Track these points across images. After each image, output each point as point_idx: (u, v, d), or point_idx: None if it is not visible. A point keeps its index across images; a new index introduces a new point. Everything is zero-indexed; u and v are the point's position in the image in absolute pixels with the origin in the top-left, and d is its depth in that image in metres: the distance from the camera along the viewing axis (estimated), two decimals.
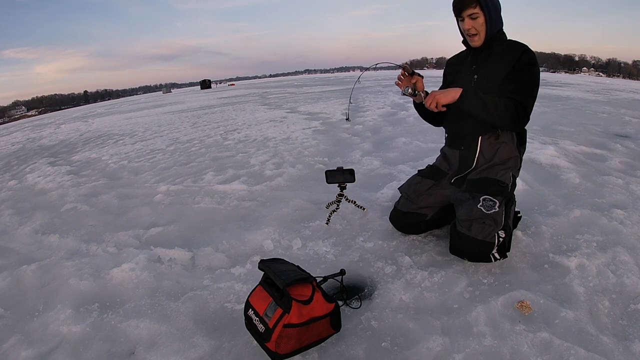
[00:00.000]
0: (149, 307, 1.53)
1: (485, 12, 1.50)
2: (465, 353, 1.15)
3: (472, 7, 1.50)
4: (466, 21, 1.54)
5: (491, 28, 1.53)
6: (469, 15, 1.52)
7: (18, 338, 1.43)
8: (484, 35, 1.55)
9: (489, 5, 1.49)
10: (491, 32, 1.54)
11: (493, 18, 1.52)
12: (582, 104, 6.80)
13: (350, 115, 2.04)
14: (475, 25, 1.53)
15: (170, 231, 2.28)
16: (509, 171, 1.63)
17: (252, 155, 3.96)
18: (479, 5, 1.49)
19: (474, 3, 1.49)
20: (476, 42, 1.58)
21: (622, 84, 17.32)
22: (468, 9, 1.51)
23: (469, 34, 1.57)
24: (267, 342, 1.14)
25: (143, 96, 60.88)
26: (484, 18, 1.51)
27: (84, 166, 4.65)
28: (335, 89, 15.24)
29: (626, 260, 1.51)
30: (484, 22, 1.52)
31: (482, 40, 1.56)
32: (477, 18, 1.52)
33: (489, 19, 1.51)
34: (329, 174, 2.04)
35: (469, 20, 1.53)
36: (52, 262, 2.00)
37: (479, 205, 1.53)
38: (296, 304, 1.14)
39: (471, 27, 1.54)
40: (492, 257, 1.52)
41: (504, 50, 1.56)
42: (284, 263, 1.33)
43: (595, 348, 1.11)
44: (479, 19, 1.52)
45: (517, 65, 1.52)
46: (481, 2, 1.48)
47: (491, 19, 1.51)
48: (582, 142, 3.54)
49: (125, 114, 13.75)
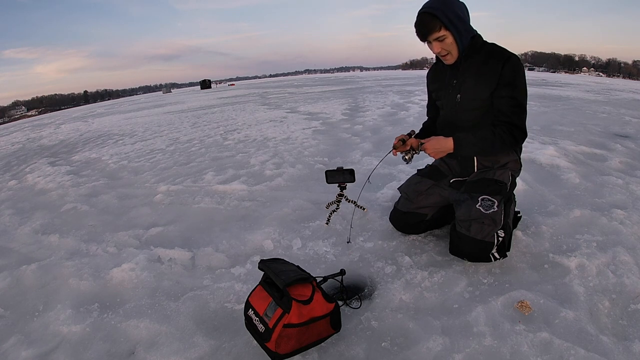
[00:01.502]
0: (149, 307, 1.53)
1: (452, 30, 1.40)
2: (465, 353, 1.15)
3: (437, 31, 1.40)
4: (434, 45, 1.45)
5: (462, 43, 1.45)
6: (436, 38, 1.43)
7: (18, 338, 1.43)
8: (456, 52, 1.47)
9: (454, 22, 1.39)
10: (463, 46, 1.46)
11: (462, 33, 1.43)
12: (582, 104, 6.80)
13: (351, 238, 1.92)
14: (444, 47, 1.45)
15: (170, 231, 2.28)
16: (507, 171, 1.62)
17: (252, 155, 3.96)
18: (443, 26, 1.39)
19: (437, 26, 1.39)
20: (450, 60, 1.51)
21: (622, 84, 17.32)
22: (432, 33, 1.41)
23: (440, 55, 1.50)
24: (267, 342, 1.14)
25: (143, 96, 60.89)
26: (452, 37, 1.42)
27: (84, 166, 4.65)
28: (336, 89, 15.24)
29: (626, 260, 1.51)
30: (453, 40, 1.43)
31: (456, 57, 1.49)
32: (444, 39, 1.43)
33: (457, 36, 1.42)
34: (329, 174, 2.04)
35: (437, 44, 1.44)
36: (52, 262, 2.00)
37: (478, 205, 1.53)
38: (296, 304, 1.14)
39: (441, 49, 1.46)
40: (492, 256, 1.52)
41: (483, 60, 1.48)
42: (284, 263, 1.32)
43: (595, 348, 1.11)
44: (446, 40, 1.43)
45: (502, 80, 1.45)
46: (445, 22, 1.38)
47: (460, 34, 1.43)
48: (582, 142, 3.54)
49: (125, 114, 13.76)
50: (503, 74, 1.45)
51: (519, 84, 1.46)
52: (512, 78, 1.44)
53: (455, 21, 1.39)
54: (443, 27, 1.39)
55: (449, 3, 1.40)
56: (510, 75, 1.44)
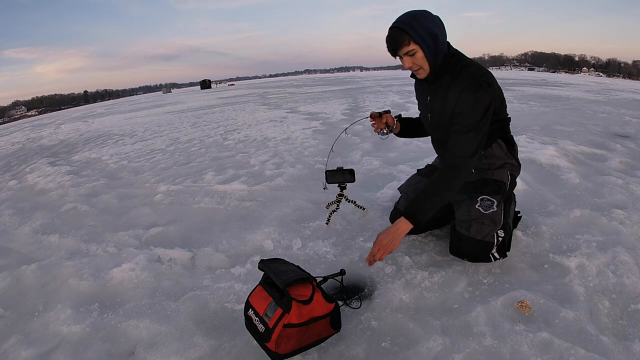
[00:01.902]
0: (149, 307, 1.53)
1: (422, 45, 1.38)
2: (465, 353, 1.15)
3: (406, 45, 1.38)
4: (405, 60, 1.43)
5: (434, 58, 1.42)
6: (406, 53, 1.41)
7: (18, 338, 1.43)
8: (427, 66, 1.44)
9: (425, 37, 1.37)
10: (435, 61, 1.44)
11: (432, 48, 1.40)
12: (582, 104, 6.80)
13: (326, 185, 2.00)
14: (415, 62, 1.43)
15: (170, 231, 2.28)
16: (506, 170, 1.61)
17: (252, 155, 3.96)
18: (412, 40, 1.37)
19: (406, 40, 1.37)
20: (422, 75, 1.49)
21: (622, 84, 17.32)
22: (402, 48, 1.39)
23: (411, 69, 1.49)
24: (267, 342, 1.14)
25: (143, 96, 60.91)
26: (422, 52, 1.40)
27: (84, 166, 4.65)
28: (336, 89, 15.24)
29: (626, 260, 1.51)
30: (424, 55, 1.41)
31: (428, 71, 1.47)
32: (415, 54, 1.40)
33: (427, 50, 1.40)
34: (329, 174, 2.04)
35: (407, 58, 1.42)
36: (52, 262, 2.00)
37: (477, 205, 1.53)
38: (296, 304, 1.14)
39: (411, 64, 1.44)
40: (492, 256, 1.52)
41: (450, 82, 1.45)
42: (283, 263, 1.32)
43: (595, 348, 1.11)
44: (417, 54, 1.40)
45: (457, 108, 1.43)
46: (414, 37, 1.36)
47: (430, 50, 1.40)
48: (582, 142, 3.54)
49: (125, 114, 13.76)
50: (458, 106, 1.43)
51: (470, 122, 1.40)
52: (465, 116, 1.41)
53: (424, 36, 1.37)
54: (412, 41, 1.37)
55: (420, 17, 1.39)
56: (464, 104, 1.41)
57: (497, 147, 1.59)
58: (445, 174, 1.43)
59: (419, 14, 1.39)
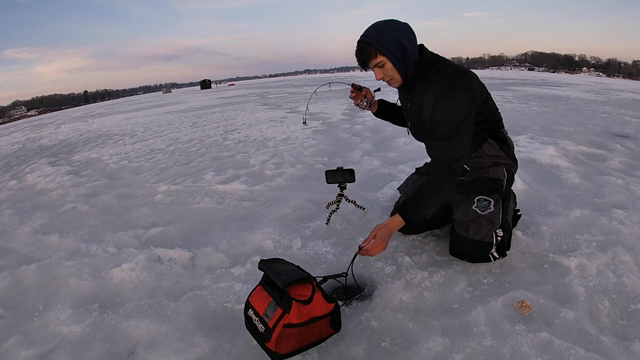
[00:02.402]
0: (149, 307, 1.53)
1: (389, 56, 1.38)
2: (465, 353, 1.15)
3: (374, 58, 1.40)
4: (375, 71, 1.44)
5: (404, 67, 1.42)
6: (375, 65, 1.42)
7: (18, 338, 1.43)
8: (399, 76, 1.45)
9: (391, 49, 1.37)
10: (406, 69, 1.43)
11: (400, 58, 1.40)
12: (582, 104, 6.80)
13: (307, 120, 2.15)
14: (385, 72, 1.44)
15: (170, 231, 2.28)
16: (501, 167, 1.58)
17: (252, 155, 3.96)
18: (378, 52, 1.38)
19: (373, 53, 1.38)
20: (395, 85, 1.50)
21: (622, 84, 17.32)
22: (370, 60, 1.41)
23: (384, 80, 1.49)
24: (267, 342, 1.14)
25: (143, 96, 60.92)
26: (390, 63, 1.40)
27: (84, 166, 4.65)
28: (335, 89, 15.23)
29: (626, 260, 1.51)
30: (392, 65, 1.41)
31: (400, 81, 1.48)
32: (383, 65, 1.41)
33: (395, 61, 1.40)
34: (329, 174, 2.04)
35: (378, 70, 1.43)
36: (52, 262, 2.00)
37: (474, 206, 1.52)
38: (296, 304, 1.14)
39: (382, 75, 1.44)
40: (492, 256, 1.52)
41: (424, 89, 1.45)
42: (283, 263, 1.32)
43: (595, 348, 1.11)
44: (386, 65, 1.41)
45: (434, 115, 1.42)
46: (380, 49, 1.37)
47: (398, 60, 1.40)
48: (582, 142, 3.54)
49: (125, 114, 13.75)
50: (435, 112, 1.41)
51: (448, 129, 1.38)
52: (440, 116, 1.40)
53: (390, 46, 1.37)
54: (379, 53, 1.38)
55: (385, 28, 1.39)
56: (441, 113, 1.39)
57: (487, 147, 1.57)
58: (434, 183, 1.40)
59: (383, 25, 1.39)
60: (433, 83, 1.41)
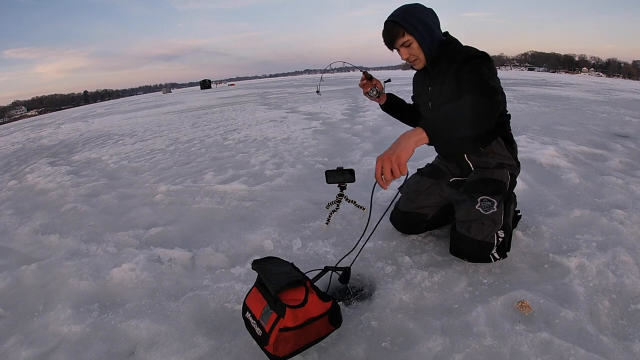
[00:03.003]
0: (149, 307, 1.53)
1: (416, 35, 1.43)
2: (465, 353, 1.15)
3: (401, 37, 1.44)
4: (402, 51, 1.49)
5: (429, 47, 1.47)
6: (402, 44, 1.46)
7: (18, 338, 1.43)
8: (423, 56, 1.50)
9: (418, 28, 1.42)
10: (431, 50, 1.48)
11: (426, 38, 1.45)
12: (582, 104, 6.80)
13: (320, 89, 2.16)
14: (411, 52, 1.48)
15: (170, 231, 2.28)
16: (505, 170, 1.62)
17: (252, 155, 3.96)
18: (406, 32, 1.43)
19: (401, 32, 1.43)
20: (419, 65, 1.54)
21: (622, 84, 17.33)
22: (398, 39, 1.45)
23: (409, 61, 1.53)
24: (265, 345, 1.13)
25: (143, 96, 60.89)
26: (416, 42, 1.45)
27: (84, 166, 4.65)
28: (335, 89, 15.24)
29: (626, 260, 1.51)
30: (418, 45, 1.46)
31: (424, 62, 1.52)
32: (410, 44, 1.46)
33: (421, 41, 1.45)
34: (329, 174, 2.04)
35: (404, 50, 1.48)
36: (52, 262, 2.00)
37: (477, 206, 1.53)
38: (290, 309, 1.12)
39: (408, 55, 1.49)
40: (492, 257, 1.52)
41: (448, 66, 1.48)
42: (276, 263, 1.29)
43: (595, 348, 1.11)
44: (412, 45, 1.46)
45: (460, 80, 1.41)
46: (408, 28, 1.42)
47: (424, 39, 1.45)
48: (582, 142, 3.54)
49: (125, 114, 13.76)
50: (459, 76, 1.41)
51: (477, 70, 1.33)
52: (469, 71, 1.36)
53: (418, 27, 1.42)
54: (406, 32, 1.43)
55: (412, 10, 1.44)
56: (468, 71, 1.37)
57: (496, 145, 1.60)
58: (475, 94, 1.22)
59: (410, 7, 1.45)
60: (456, 58, 1.46)
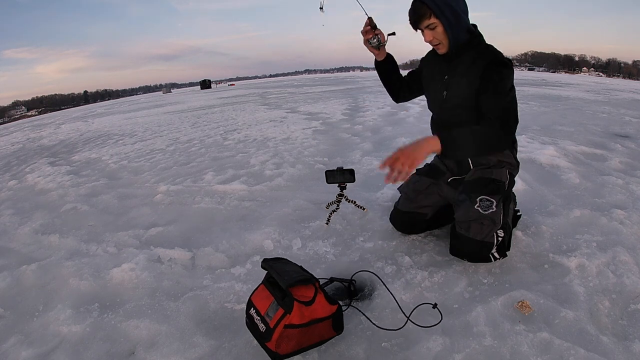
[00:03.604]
0: (149, 307, 1.53)
1: (442, 19, 1.42)
2: (465, 353, 1.15)
3: (427, 19, 1.43)
4: (425, 33, 1.47)
5: (454, 34, 1.46)
6: (426, 26, 1.45)
7: (18, 338, 1.43)
8: (447, 42, 1.48)
9: (446, 13, 1.41)
10: (455, 37, 1.47)
11: (453, 24, 1.43)
12: (582, 104, 6.80)
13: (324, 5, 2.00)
14: (435, 36, 1.47)
15: (170, 231, 2.28)
16: (504, 169, 1.62)
17: (252, 155, 3.96)
18: (433, 14, 1.41)
19: (427, 14, 1.41)
20: (442, 50, 1.53)
21: (622, 84, 17.33)
22: (423, 21, 1.44)
23: (432, 44, 1.52)
24: (267, 341, 1.14)
25: (143, 96, 60.95)
26: (442, 26, 1.44)
27: (84, 166, 4.65)
28: (335, 89, 15.24)
29: (626, 260, 1.51)
30: (444, 29, 1.44)
31: (447, 47, 1.51)
32: (435, 27, 1.44)
33: (447, 25, 1.43)
34: (329, 174, 2.04)
35: (428, 32, 1.46)
36: (52, 262, 2.00)
37: (476, 206, 1.53)
38: (298, 305, 1.13)
39: (432, 38, 1.47)
40: (492, 256, 1.52)
41: (472, 59, 1.48)
42: (286, 263, 1.32)
43: (595, 348, 1.11)
44: (437, 28, 1.44)
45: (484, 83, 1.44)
46: (435, 11, 1.40)
47: (451, 25, 1.43)
48: (582, 142, 3.54)
49: (125, 114, 13.76)
50: (485, 77, 1.43)
51: (502, 89, 1.42)
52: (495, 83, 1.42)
53: (445, 11, 1.41)
54: (433, 15, 1.41)
55: None
56: (494, 79, 1.42)
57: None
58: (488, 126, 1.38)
59: None
60: (484, 54, 1.47)
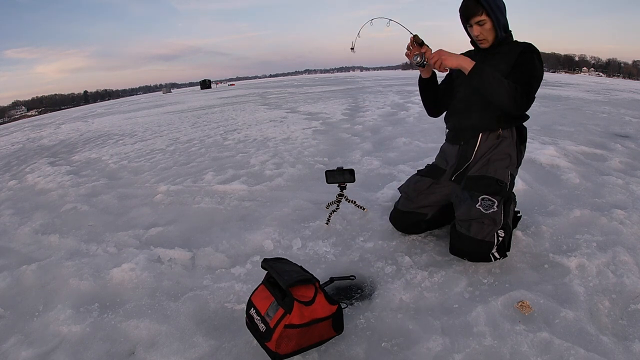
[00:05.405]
0: (149, 307, 1.53)
1: (492, 17, 1.54)
2: (465, 353, 1.15)
3: (479, 15, 1.55)
4: (475, 28, 1.58)
5: (499, 31, 1.58)
6: (477, 22, 1.57)
7: (18, 338, 1.43)
8: (492, 38, 1.60)
9: (495, 11, 1.54)
10: (499, 34, 1.59)
11: (500, 22, 1.57)
12: (582, 104, 6.80)
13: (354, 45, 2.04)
14: (483, 32, 1.58)
15: (170, 231, 2.28)
16: (507, 170, 1.63)
17: (252, 155, 3.96)
18: (485, 12, 1.53)
19: (480, 10, 1.54)
20: (485, 45, 1.63)
21: (622, 84, 17.34)
22: (475, 16, 1.56)
23: (478, 39, 1.61)
24: (267, 341, 1.14)
25: (143, 96, 60.97)
26: (491, 23, 1.56)
27: (84, 166, 4.65)
28: (335, 89, 15.24)
29: (626, 260, 1.51)
30: (492, 27, 1.57)
31: (491, 43, 1.62)
32: (484, 24, 1.56)
33: (496, 23, 1.56)
34: (329, 174, 2.04)
35: (477, 27, 1.58)
36: (52, 262, 2.00)
37: (478, 205, 1.53)
38: (298, 305, 1.14)
39: (480, 33, 1.58)
40: (492, 256, 1.52)
41: (509, 50, 1.60)
42: (286, 263, 1.32)
43: (595, 348, 1.11)
44: (486, 25, 1.56)
45: (518, 60, 1.55)
46: (487, 8, 1.53)
47: (499, 23, 1.56)
48: (582, 142, 3.54)
49: (125, 114, 13.76)
50: (520, 57, 1.55)
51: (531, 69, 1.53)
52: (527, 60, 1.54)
53: (495, 10, 1.54)
54: (484, 12, 1.53)
55: None
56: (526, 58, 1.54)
57: (508, 133, 1.65)
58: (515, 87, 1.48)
59: None
60: (519, 45, 1.58)
